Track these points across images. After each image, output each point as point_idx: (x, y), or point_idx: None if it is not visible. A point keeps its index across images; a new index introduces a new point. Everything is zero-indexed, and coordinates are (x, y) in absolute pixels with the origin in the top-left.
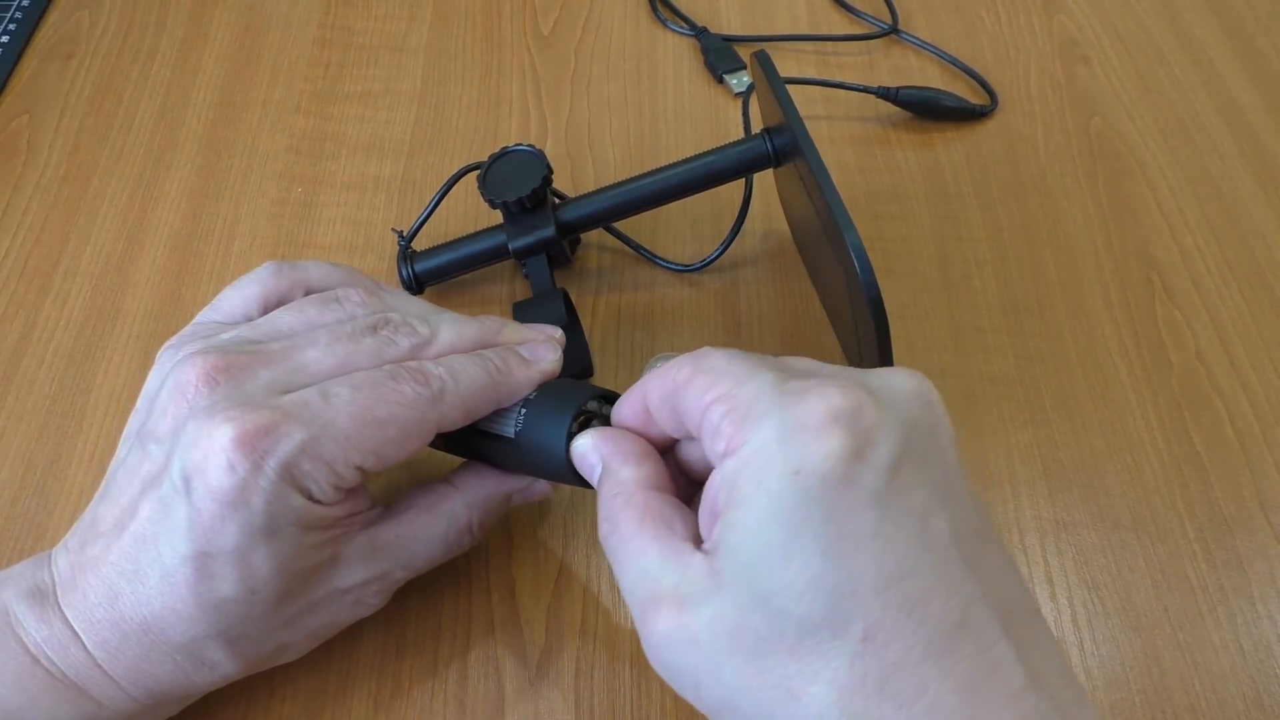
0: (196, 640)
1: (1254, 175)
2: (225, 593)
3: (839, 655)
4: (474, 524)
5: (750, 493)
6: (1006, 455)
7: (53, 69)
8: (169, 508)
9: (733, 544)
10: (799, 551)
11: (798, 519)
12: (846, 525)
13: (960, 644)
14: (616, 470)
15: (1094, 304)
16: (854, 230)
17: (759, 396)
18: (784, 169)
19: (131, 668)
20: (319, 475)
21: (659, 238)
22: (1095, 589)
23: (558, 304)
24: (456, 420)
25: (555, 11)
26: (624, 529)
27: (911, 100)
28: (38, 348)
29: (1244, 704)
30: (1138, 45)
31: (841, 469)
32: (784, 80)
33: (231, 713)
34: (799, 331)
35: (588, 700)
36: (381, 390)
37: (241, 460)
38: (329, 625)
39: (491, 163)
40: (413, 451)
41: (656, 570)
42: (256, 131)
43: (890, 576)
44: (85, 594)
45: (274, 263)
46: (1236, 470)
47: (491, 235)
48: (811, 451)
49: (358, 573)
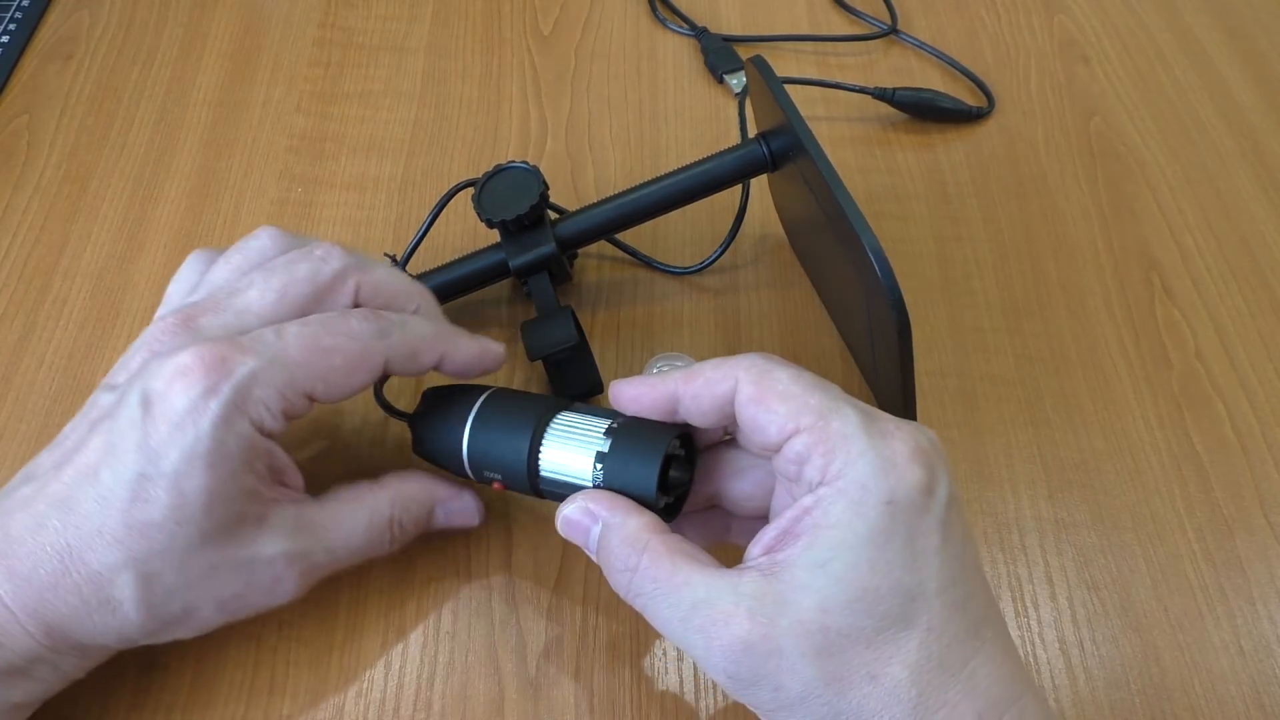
0: (111, 568)
1: (1254, 175)
2: (154, 517)
3: (909, 642)
4: (395, 520)
5: (848, 518)
6: (1006, 455)
7: (53, 69)
8: (122, 433)
9: (822, 559)
10: (884, 564)
11: (886, 538)
12: (919, 543)
13: (985, 629)
14: (621, 523)
15: (1094, 304)
16: (871, 233)
17: (850, 435)
18: (781, 172)
19: (35, 599)
20: (270, 401)
21: (656, 244)
22: (1095, 589)
23: (568, 323)
24: (403, 361)
25: (555, 11)
26: (655, 571)
27: (907, 102)
28: (38, 348)
29: (1244, 704)
30: (1138, 45)
31: (920, 500)
32: (785, 80)
33: (231, 711)
34: (797, 332)
35: (588, 700)
36: (330, 324)
37: (198, 383)
38: (239, 600)
39: (485, 181)
40: (361, 384)
41: (709, 597)
42: (256, 131)
43: (947, 582)
44: (7, 531)
45: (200, 249)
46: (1236, 470)
47: (489, 254)
48: (901, 485)
49: (280, 542)
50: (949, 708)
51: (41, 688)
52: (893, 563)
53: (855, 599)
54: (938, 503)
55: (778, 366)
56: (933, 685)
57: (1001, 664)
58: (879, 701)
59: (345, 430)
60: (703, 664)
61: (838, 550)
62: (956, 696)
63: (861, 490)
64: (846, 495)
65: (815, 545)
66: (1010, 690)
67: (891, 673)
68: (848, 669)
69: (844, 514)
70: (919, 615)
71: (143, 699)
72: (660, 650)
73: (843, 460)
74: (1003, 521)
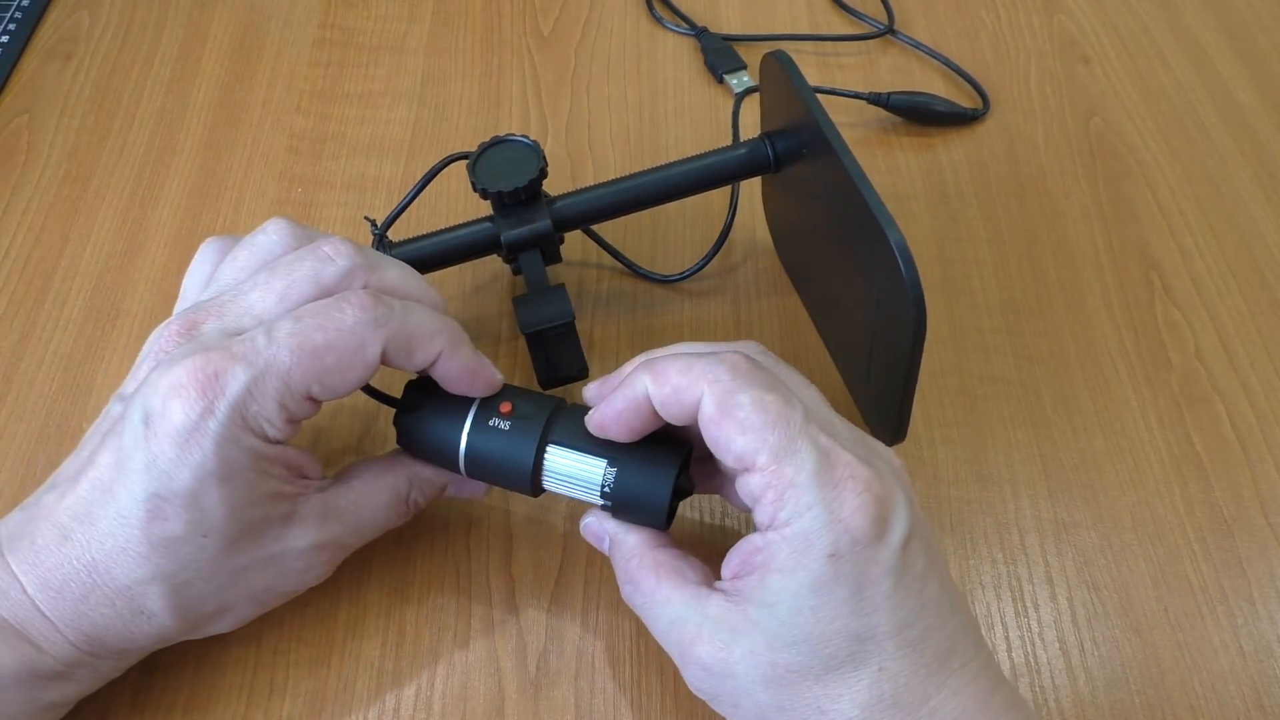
0: (140, 583)
1: (1254, 175)
2: (176, 533)
3: (859, 682)
4: (411, 497)
5: (791, 566)
6: (1006, 455)
7: (53, 69)
8: (128, 452)
9: (769, 600)
10: (828, 611)
11: (829, 588)
12: (867, 591)
13: (950, 662)
14: (623, 539)
15: (1094, 304)
16: (896, 229)
17: (800, 485)
18: (779, 175)
19: (71, 610)
20: (269, 412)
21: (641, 251)
22: (1095, 589)
23: (563, 299)
24: (400, 353)
25: (555, 11)
26: (645, 587)
27: (902, 106)
28: (38, 348)
29: (1244, 704)
30: (1138, 45)
31: (867, 551)
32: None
33: (232, 712)
34: (787, 339)
35: (588, 700)
36: (324, 318)
37: (195, 403)
38: (272, 590)
39: (482, 151)
40: (358, 380)
41: (683, 615)
42: (256, 131)
43: (899, 625)
44: (33, 539)
45: (212, 238)
46: (1236, 470)
47: (479, 226)
48: (845, 539)
49: (310, 534)
50: None
51: (78, 688)
52: (837, 611)
53: (799, 640)
54: (889, 547)
55: (743, 385)
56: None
57: (970, 696)
58: None
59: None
60: (681, 674)
61: (782, 596)
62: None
63: (805, 542)
64: (791, 544)
65: (764, 586)
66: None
67: (841, 709)
68: (798, 701)
69: (788, 562)
70: (869, 657)
71: (143, 699)
72: (659, 650)
73: (790, 510)
74: (1003, 521)
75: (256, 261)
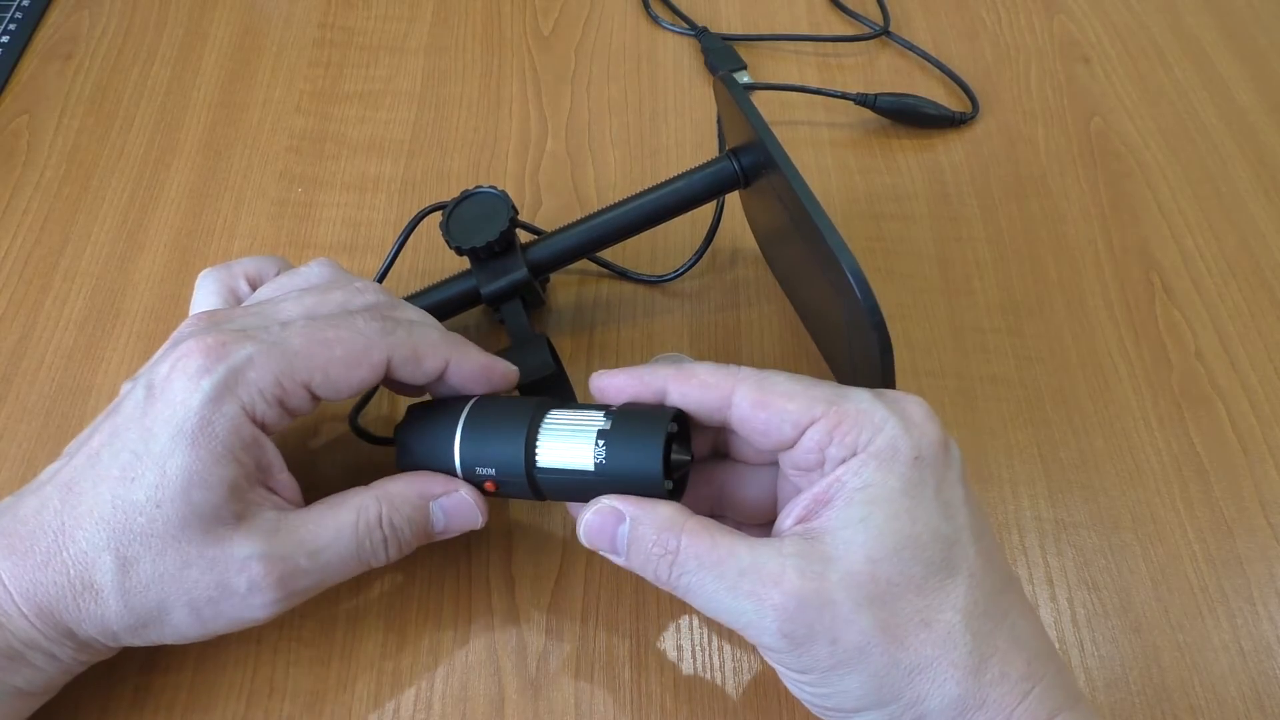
0: (95, 549)
1: (1254, 175)
2: (136, 496)
3: (956, 588)
4: (384, 519)
5: (880, 478)
6: (1006, 455)
7: (53, 69)
8: (125, 419)
9: (860, 516)
10: (922, 513)
11: (918, 489)
12: (946, 494)
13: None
14: (651, 512)
15: (1094, 304)
16: (849, 254)
17: (868, 409)
18: (753, 188)
19: (29, 579)
20: (265, 385)
21: (641, 253)
22: (1095, 589)
23: (542, 350)
24: (407, 362)
25: (555, 11)
26: (697, 549)
27: (890, 108)
28: (38, 348)
29: (1244, 704)
30: (1138, 45)
31: (941, 455)
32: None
33: (232, 712)
34: (781, 342)
35: (588, 700)
36: (336, 319)
37: (194, 364)
38: (213, 606)
39: (454, 207)
40: (362, 380)
41: (756, 562)
42: (256, 131)
43: (978, 532)
44: (16, 511)
45: (207, 269)
46: (1236, 470)
47: (460, 282)
48: (925, 442)
49: (256, 543)
50: (1000, 655)
51: (41, 676)
52: (929, 512)
53: (900, 547)
54: (954, 459)
55: (772, 372)
56: (983, 631)
57: (1033, 621)
58: (935, 648)
59: (322, 464)
60: (754, 631)
61: (875, 505)
62: (1005, 644)
63: (891, 450)
64: (877, 457)
65: (852, 504)
66: (1047, 646)
67: (945, 618)
68: (901, 616)
69: (876, 474)
70: (960, 562)
71: (143, 699)
72: (660, 650)
73: (870, 431)
74: (1003, 521)
75: (296, 286)
